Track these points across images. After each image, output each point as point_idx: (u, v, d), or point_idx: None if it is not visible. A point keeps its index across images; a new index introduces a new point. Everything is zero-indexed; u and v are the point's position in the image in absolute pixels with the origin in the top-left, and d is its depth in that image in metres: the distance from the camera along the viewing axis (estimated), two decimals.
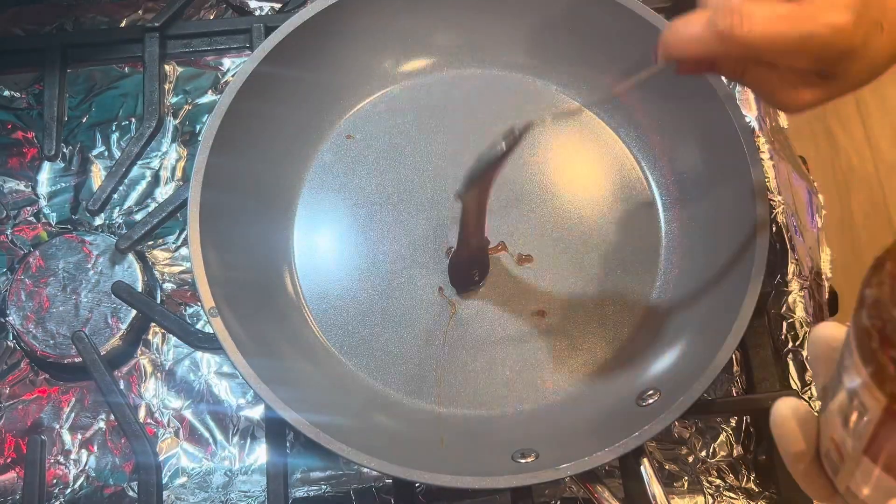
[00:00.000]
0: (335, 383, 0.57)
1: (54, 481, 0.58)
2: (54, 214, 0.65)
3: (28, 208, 0.65)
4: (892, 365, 0.28)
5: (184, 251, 0.64)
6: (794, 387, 0.60)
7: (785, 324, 0.61)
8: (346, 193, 0.63)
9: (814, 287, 0.63)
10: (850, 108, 1.45)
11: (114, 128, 0.67)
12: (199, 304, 0.62)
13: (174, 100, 0.68)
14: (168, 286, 0.63)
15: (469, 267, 0.60)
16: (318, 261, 0.61)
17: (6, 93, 0.69)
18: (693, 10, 0.69)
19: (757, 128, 0.67)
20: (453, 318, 0.60)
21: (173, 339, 0.61)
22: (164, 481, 0.58)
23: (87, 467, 0.58)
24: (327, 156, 0.64)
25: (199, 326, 0.61)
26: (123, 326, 0.60)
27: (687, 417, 0.58)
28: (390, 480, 0.57)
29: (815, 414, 0.37)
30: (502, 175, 0.53)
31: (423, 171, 0.64)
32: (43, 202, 0.65)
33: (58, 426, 0.59)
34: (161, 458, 0.58)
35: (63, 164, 0.66)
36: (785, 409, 0.37)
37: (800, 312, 0.62)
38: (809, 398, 0.59)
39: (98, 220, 0.64)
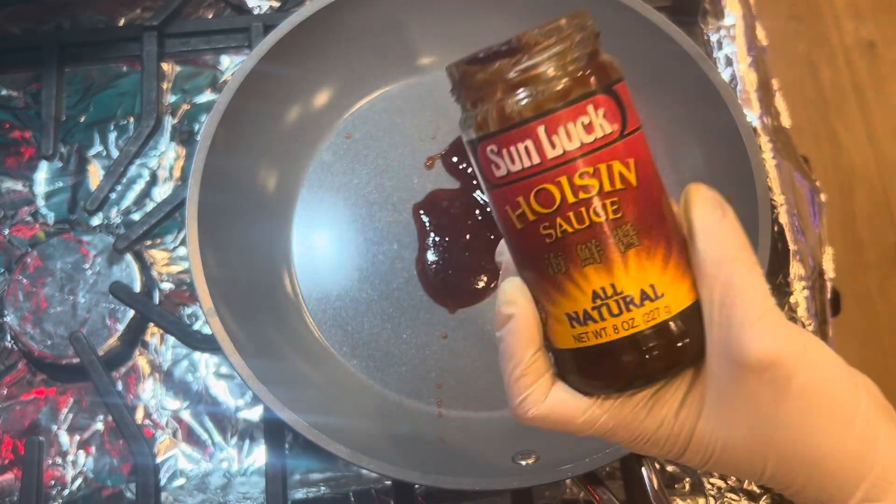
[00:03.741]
0: (334, 384, 0.57)
1: (52, 482, 0.58)
2: (52, 214, 0.65)
3: (25, 208, 0.65)
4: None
5: (182, 251, 0.64)
6: None
7: None
8: (346, 193, 0.63)
9: (816, 287, 0.63)
10: (853, 108, 1.45)
11: (111, 127, 0.67)
12: (197, 304, 0.62)
13: (172, 99, 0.68)
14: (166, 286, 0.63)
15: None
16: (318, 261, 0.61)
17: (3, 92, 0.68)
18: (692, 11, 0.69)
19: (759, 127, 0.66)
20: (453, 318, 0.60)
21: (171, 340, 0.61)
22: (162, 483, 0.57)
23: (84, 468, 0.58)
24: (327, 156, 0.64)
25: (197, 327, 0.61)
26: (121, 327, 0.60)
27: None
28: (390, 482, 0.57)
29: None
30: None
31: (422, 170, 0.63)
32: (40, 202, 0.65)
33: (55, 427, 0.59)
34: (159, 459, 0.58)
35: (60, 164, 0.66)
36: (512, 287, 0.33)
37: (802, 312, 0.61)
38: None
39: (96, 220, 0.64)
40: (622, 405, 0.33)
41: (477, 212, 0.62)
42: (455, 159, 0.63)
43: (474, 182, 0.62)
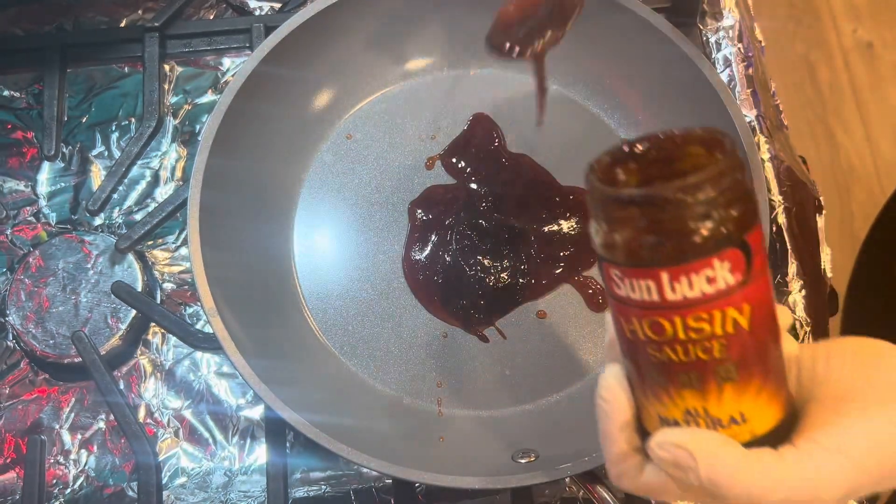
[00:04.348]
0: (335, 383, 0.57)
1: (54, 481, 0.58)
2: (54, 214, 0.65)
3: (28, 208, 0.65)
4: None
5: (183, 251, 0.64)
6: None
7: None
8: (346, 193, 0.63)
9: (814, 287, 0.63)
10: (851, 109, 1.45)
11: (113, 128, 0.67)
12: (198, 303, 0.62)
13: (174, 99, 0.68)
14: (168, 286, 0.63)
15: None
16: (318, 261, 0.61)
17: (6, 93, 0.68)
18: (691, 11, 0.69)
19: (757, 128, 0.67)
20: None
21: (173, 339, 0.61)
22: (163, 481, 0.58)
23: (86, 467, 0.58)
24: (327, 156, 0.64)
25: (198, 326, 0.61)
26: (123, 326, 0.60)
27: None
28: (390, 480, 0.57)
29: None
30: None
31: (422, 170, 0.64)
32: (42, 202, 0.65)
33: (57, 426, 0.59)
34: (161, 458, 0.58)
35: (63, 164, 0.66)
36: (612, 378, 0.36)
37: (800, 312, 0.62)
38: None
39: (98, 220, 0.64)
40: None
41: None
42: (454, 159, 0.64)
43: (473, 178, 0.63)
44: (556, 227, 0.62)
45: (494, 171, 0.63)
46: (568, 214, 0.62)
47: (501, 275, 0.60)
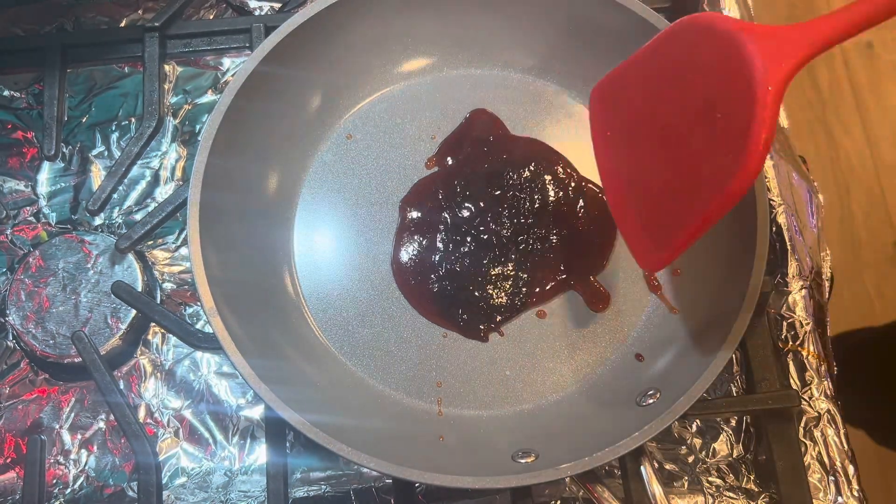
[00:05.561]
0: (335, 383, 0.57)
1: (54, 481, 0.58)
2: (54, 214, 0.65)
3: (28, 208, 0.65)
4: None
5: (183, 251, 0.64)
6: (794, 386, 0.60)
7: (785, 324, 0.61)
8: (347, 194, 0.63)
9: (814, 287, 0.63)
10: (850, 109, 1.45)
11: (114, 127, 0.67)
12: (198, 303, 0.62)
13: (174, 99, 0.68)
14: (168, 286, 0.63)
15: None
16: (318, 261, 0.61)
17: (6, 92, 0.69)
18: (691, 11, 0.69)
19: None
20: None
21: (173, 339, 0.61)
22: (163, 481, 0.58)
23: (86, 467, 0.58)
24: (327, 156, 0.64)
25: (198, 326, 0.61)
26: (123, 326, 0.60)
27: (687, 417, 0.58)
28: (390, 480, 0.57)
29: None
30: None
31: (422, 170, 0.64)
32: (43, 202, 0.65)
33: (57, 426, 0.59)
34: (161, 458, 0.58)
35: (63, 164, 0.66)
36: None
37: (800, 312, 0.62)
38: (809, 398, 0.60)
39: (98, 220, 0.64)
40: None
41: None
42: (449, 159, 0.64)
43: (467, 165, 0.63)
44: (558, 229, 0.62)
45: (499, 154, 0.63)
46: (569, 212, 0.62)
47: (504, 283, 0.60)
